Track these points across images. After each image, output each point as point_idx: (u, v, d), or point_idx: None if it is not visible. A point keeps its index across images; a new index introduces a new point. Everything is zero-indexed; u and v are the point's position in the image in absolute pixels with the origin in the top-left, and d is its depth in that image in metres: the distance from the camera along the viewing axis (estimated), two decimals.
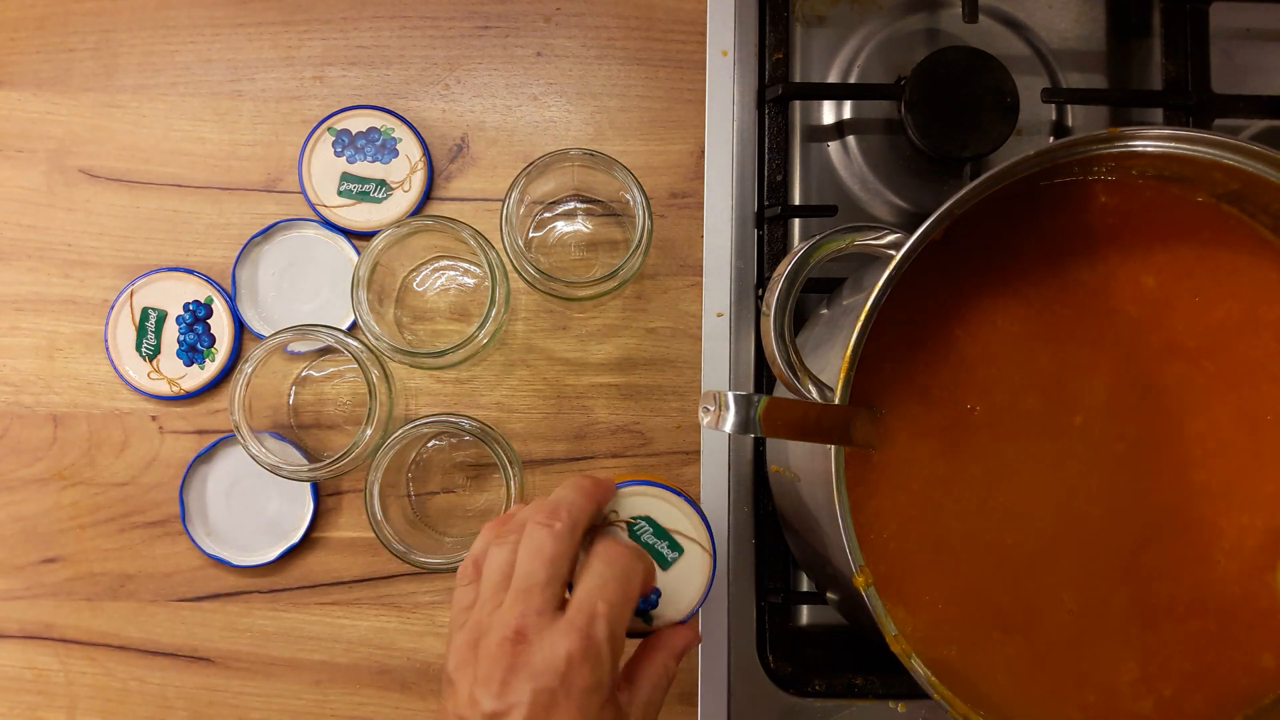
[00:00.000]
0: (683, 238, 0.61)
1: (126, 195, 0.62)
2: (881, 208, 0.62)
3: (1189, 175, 0.45)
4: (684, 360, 0.61)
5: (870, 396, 0.44)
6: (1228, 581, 0.46)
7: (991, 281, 0.45)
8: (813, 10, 0.63)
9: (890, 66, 0.62)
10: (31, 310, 0.61)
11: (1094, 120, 0.63)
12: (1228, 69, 0.63)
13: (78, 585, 0.60)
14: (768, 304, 0.45)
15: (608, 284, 0.55)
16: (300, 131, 0.62)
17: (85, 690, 0.60)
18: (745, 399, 0.40)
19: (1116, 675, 0.45)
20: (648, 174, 0.62)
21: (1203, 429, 0.46)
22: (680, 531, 0.47)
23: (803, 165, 0.62)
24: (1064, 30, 0.63)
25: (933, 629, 0.44)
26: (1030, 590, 0.45)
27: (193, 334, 0.60)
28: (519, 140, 0.62)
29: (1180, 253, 0.46)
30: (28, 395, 0.61)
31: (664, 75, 0.62)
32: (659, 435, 0.61)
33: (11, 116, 0.62)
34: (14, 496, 0.61)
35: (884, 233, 0.44)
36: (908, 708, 0.57)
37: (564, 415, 0.61)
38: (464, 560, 0.45)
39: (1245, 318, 0.46)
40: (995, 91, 0.57)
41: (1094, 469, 0.45)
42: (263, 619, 0.60)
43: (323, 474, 0.55)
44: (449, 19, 0.63)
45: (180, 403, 0.61)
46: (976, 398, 0.45)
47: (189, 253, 0.61)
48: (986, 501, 0.45)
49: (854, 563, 0.40)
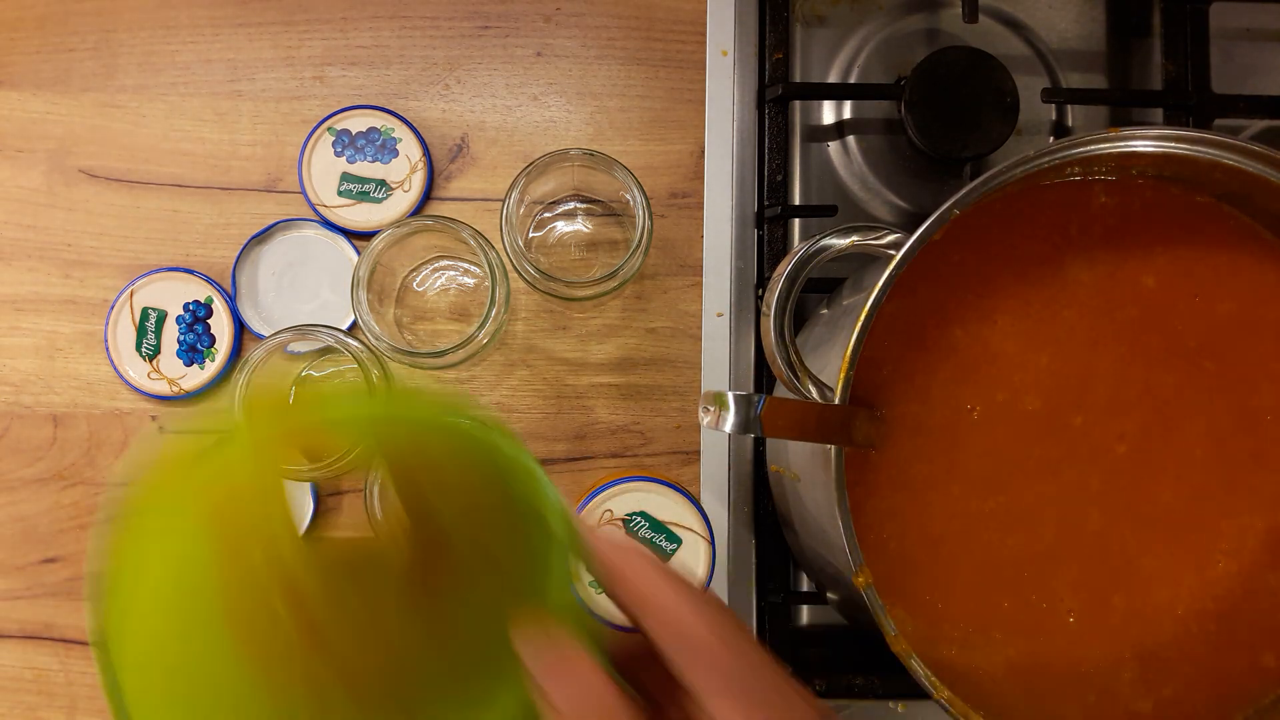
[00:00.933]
0: (683, 238, 0.61)
1: (126, 195, 0.62)
2: (881, 208, 0.62)
3: (1189, 175, 0.45)
4: (684, 360, 0.61)
5: (870, 396, 0.44)
6: (1228, 582, 0.46)
7: (991, 281, 0.45)
8: (813, 10, 0.63)
9: (890, 66, 0.62)
10: (31, 310, 0.61)
11: (1094, 120, 0.63)
12: (1228, 69, 0.63)
13: (78, 585, 0.60)
14: (768, 304, 0.45)
15: (608, 284, 0.55)
16: (300, 131, 0.62)
17: (85, 690, 0.60)
18: (745, 399, 0.40)
19: (1116, 675, 0.45)
20: (648, 174, 0.62)
21: (1203, 429, 0.46)
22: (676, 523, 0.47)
23: (803, 165, 0.62)
24: (1064, 30, 0.63)
25: (933, 629, 0.44)
26: (1030, 590, 0.45)
27: (193, 334, 0.60)
28: (519, 140, 0.62)
29: (1180, 253, 0.46)
30: (28, 395, 0.61)
31: (664, 75, 0.62)
32: (659, 435, 0.61)
33: (11, 116, 0.62)
34: (14, 496, 0.61)
35: (884, 233, 0.44)
36: (908, 708, 0.57)
37: (564, 415, 0.61)
38: None
39: (1245, 318, 0.46)
40: (995, 91, 0.57)
41: (1094, 469, 0.45)
42: None
43: (322, 474, 0.55)
44: (449, 19, 0.63)
45: (180, 403, 0.61)
46: (976, 398, 0.45)
47: (189, 253, 0.61)
48: (986, 502, 0.45)
49: (854, 563, 0.40)
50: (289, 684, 0.26)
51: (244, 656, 0.26)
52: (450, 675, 0.27)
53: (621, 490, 0.47)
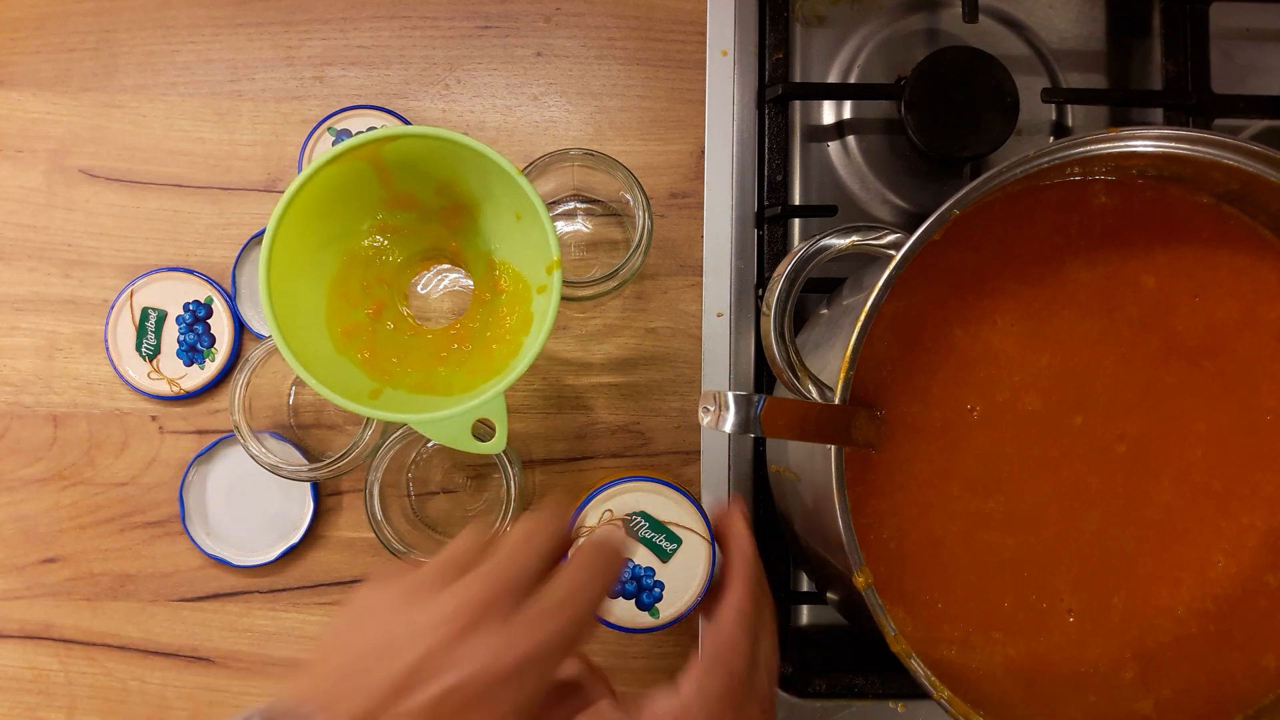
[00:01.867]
0: (683, 238, 0.61)
1: (126, 195, 0.62)
2: (881, 208, 0.62)
3: (1189, 175, 0.45)
4: (684, 360, 0.61)
5: (870, 396, 0.44)
6: (1228, 582, 0.46)
7: (991, 281, 0.45)
8: (813, 10, 0.63)
9: (890, 66, 0.62)
10: (31, 310, 0.61)
11: (1094, 120, 0.63)
12: (1228, 69, 0.63)
13: (78, 585, 0.60)
14: (768, 304, 0.45)
15: (608, 284, 0.55)
16: (300, 131, 0.62)
17: (85, 690, 0.60)
18: (745, 399, 0.40)
19: (1116, 675, 0.45)
20: (648, 174, 0.62)
21: (1203, 429, 0.46)
22: (676, 523, 0.48)
23: (803, 165, 0.62)
24: (1064, 30, 0.63)
25: (933, 629, 0.44)
26: (1030, 590, 0.45)
27: (193, 334, 0.60)
28: (519, 140, 0.62)
29: (1180, 253, 0.46)
30: (28, 395, 0.61)
31: (664, 75, 0.62)
32: (659, 435, 0.61)
33: (11, 116, 0.62)
34: (14, 496, 0.61)
35: (884, 233, 0.44)
36: (908, 708, 0.57)
37: (564, 415, 0.61)
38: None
39: (1245, 318, 0.46)
40: (995, 91, 0.57)
41: (1094, 469, 0.45)
42: (263, 619, 0.60)
43: (322, 474, 0.55)
44: (449, 19, 0.63)
45: (180, 403, 0.61)
46: (976, 398, 0.45)
47: (189, 253, 0.61)
48: (986, 501, 0.45)
49: (854, 563, 0.40)
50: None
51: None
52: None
53: (621, 490, 0.47)
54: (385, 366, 0.49)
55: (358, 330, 0.49)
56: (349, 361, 0.48)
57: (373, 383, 0.48)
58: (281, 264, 0.45)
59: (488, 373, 0.48)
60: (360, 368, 0.48)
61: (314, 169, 0.45)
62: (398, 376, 0.49)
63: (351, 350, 0.49)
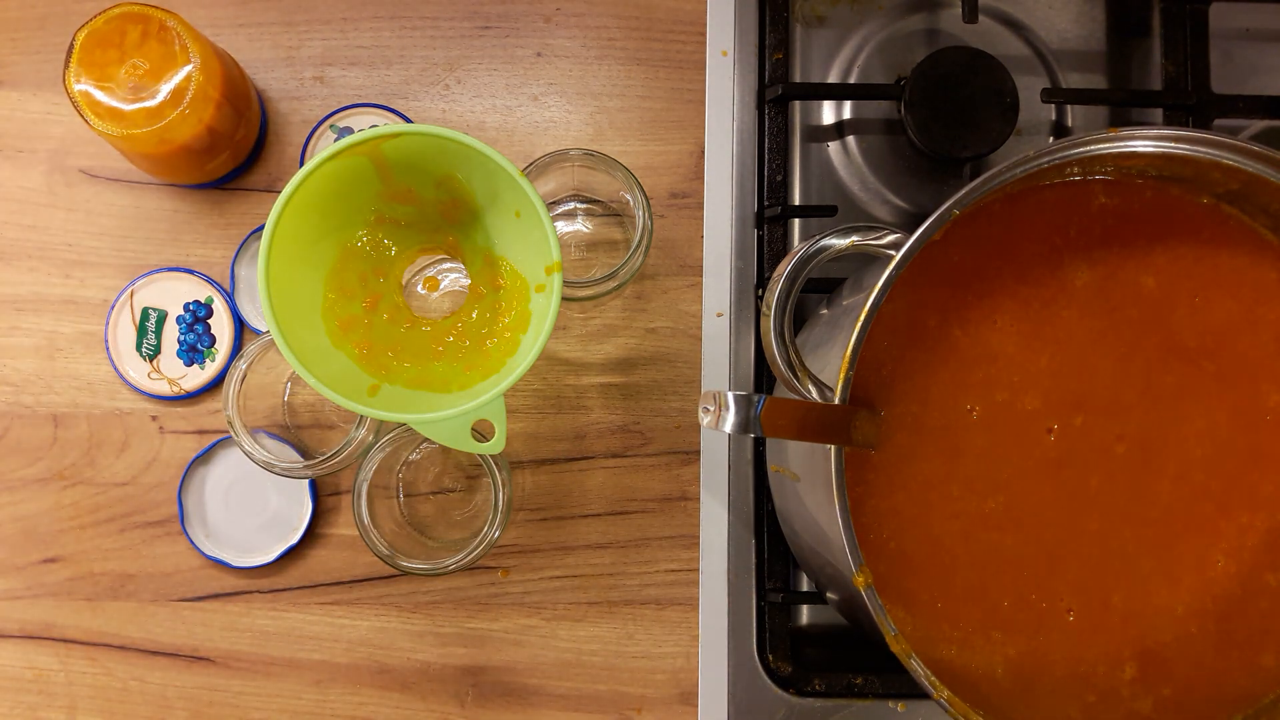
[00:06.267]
0: (683, 238, 0.61)
1: (126, 195, 0.62)
2: (881, 208, 0.62)
3: (1189, 175, 0.45)
4: (684, 360, 0.61)
5: (870, 396, 0.44)
6: (1227, 581, 0.46)
7: (991, 281, 0.45)
8: (813, 10, 0.63)
9: (890, 66, 0.62)
10: (31, 310, 0.61)
11: (1094, 120, 0.63)
12: (1228, 69, 0.63)
13: (78, 585, 0.60)
14: (768, 304, 0.45)
15: (608, 284, 0.55)
16: (300, 132, 0.62)
17: (85, 690, 0.60)
18: (745, 399, 0.40)
19: (1116, 675, 0.45)
20: (648, 174, 0.62)
21: (1203, 429, 0.46)
22: None
23: (803, 165, 0.62)
24: (1064, 30, 0.63)
25: (933, 629, 0.44)
26: (1030, 590, 0.45)
27: (193, 334, 0.60)
28: (519, 140, 0.62)
29: (1180, 253, 0.46)
30: (28, 395, 0.61)
31: (664, 75, 0.62)
32: (659, 435, 0.61)
33: (11, 116, 0.62)
34: (14, 496, 0.61)
35: (884, 233, 0.44)
36: (907, 707, 0.57)
37: (564, 415, 0.61)
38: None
39: (1245, 318, 0.46)
40: (995, 91, 0.57)
41: (1094, 469, 0.45)
42: (263, 619, 0.60)
43: (316, 471, 0.55)
44: (449, 19, 0.63)
45: (180, 403, 0.61)
46: (976, 398, 0.45)
47: (189, 252, 0.61)
48: (986, 501, 0.45)
49: (854, 563, 0.40)
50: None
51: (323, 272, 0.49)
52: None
53: None
54: (382, 360, 0.49)
55: (354, 323, 0.49)
56: (345, 355, 0.49)
57: (370, 378, 0.48)
58: (281, 255, 0.45)
59: (485, 370, 0.49)
60: (357, 362, 0.49)
61: (317, 162, 0.45)
62: (394, 371, 0.49)
63: (348, 343, 0.49)
